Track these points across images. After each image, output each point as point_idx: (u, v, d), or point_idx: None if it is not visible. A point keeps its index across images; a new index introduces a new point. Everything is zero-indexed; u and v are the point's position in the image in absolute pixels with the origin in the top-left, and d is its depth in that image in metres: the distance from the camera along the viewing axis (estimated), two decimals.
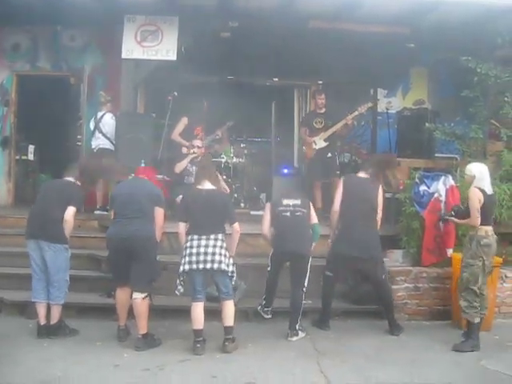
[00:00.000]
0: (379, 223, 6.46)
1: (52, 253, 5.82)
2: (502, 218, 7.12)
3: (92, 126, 8.88)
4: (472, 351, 5.81)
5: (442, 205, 7.03)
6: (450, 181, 7.12)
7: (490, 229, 6.10)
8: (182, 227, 5.84)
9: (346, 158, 9.77)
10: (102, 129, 8.73)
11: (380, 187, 6.47)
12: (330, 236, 6.63)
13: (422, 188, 7.22)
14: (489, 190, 6.13)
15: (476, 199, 6.01)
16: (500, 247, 7.22)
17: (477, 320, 5.91)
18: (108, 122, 8.72)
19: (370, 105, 8.97)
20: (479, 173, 6.14)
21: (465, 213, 6.26)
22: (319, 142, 8.93)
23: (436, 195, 7.10)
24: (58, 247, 5.84)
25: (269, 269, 6.43)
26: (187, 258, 5.63)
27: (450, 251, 6.96)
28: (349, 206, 6.37)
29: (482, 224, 6.03)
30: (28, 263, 6.11)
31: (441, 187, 7.11)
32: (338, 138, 9.22)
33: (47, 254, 5.82)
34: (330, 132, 8.85)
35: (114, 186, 6.82)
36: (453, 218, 6.52)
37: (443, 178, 7.18)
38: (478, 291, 5.97)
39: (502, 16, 7.61)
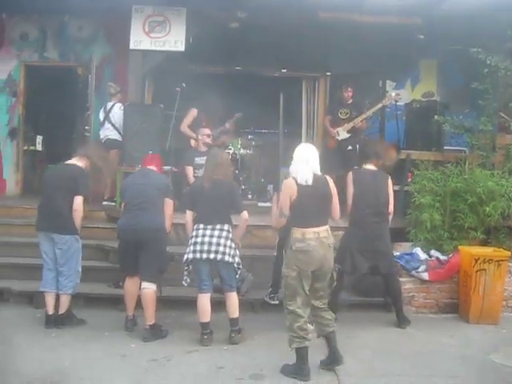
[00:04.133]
0: (391, 216, 6.34)
1: (62, 244, 5.84)
2: (511, 212, 7.07)
3: (102, 116, 8.88)
4: (294, 378, 4.86)
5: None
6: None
7: (311, 231, 4.87)
8: (188, 215, 5.85)
9: None
10: (112, 119, 8.74)
11: (389, 179, 6.39)
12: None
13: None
14: (304, 180, 4.94)
15: (285, 192, 4.97)
16: (508, 241, 7.22)
17: (294, 346, 4.82)
18: (117, 112, 8.71)
19: (393, 97, 8.83)
20: (295, 155, 5.08)
21: None
22: (342, 133, 8.81)
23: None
24: (68, 238, 5.86)
25: (275, 253, 6.42)
26: (192, 247, 5.64)
27: None
28: (360, 200, 6.22)
29: (298, 225, 4.92)
30: (36, 253, 6.17)
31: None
32: (360, 131, 9.03)
33: (57, 245, 5.85)
34: (352, 124, 8.72)
35: (124, 178, 6.81)
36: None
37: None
38: (297, 311, 4.84)
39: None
